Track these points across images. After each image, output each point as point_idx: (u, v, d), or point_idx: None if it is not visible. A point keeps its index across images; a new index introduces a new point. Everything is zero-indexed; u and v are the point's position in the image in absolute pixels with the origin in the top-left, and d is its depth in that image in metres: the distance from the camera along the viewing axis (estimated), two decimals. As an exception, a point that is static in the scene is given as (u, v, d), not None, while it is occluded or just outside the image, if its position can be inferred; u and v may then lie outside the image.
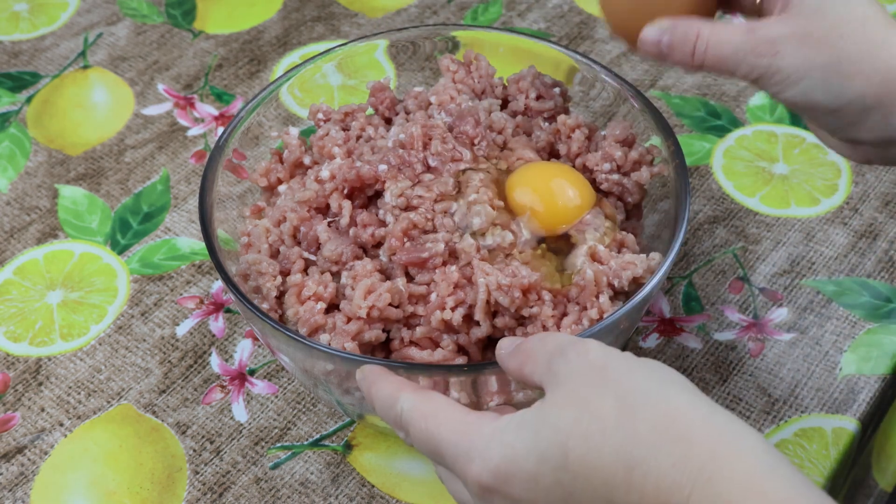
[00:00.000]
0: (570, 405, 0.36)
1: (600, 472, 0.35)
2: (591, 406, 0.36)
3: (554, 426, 0.36)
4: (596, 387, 0.36)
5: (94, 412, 0.57)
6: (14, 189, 0.69)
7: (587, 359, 0.38)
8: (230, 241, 0.54)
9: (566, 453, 0.35)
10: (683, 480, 0.33)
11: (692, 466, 0.33)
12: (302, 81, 0.59)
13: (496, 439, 0.38)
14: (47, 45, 0.80)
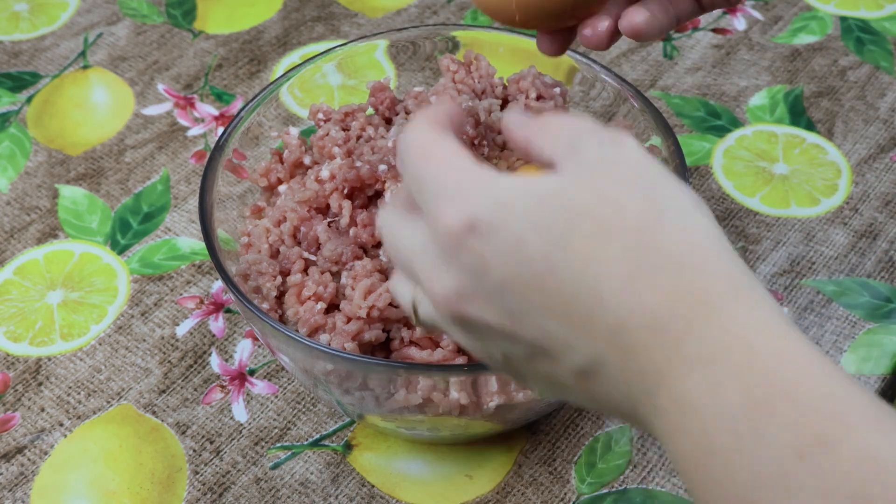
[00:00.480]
0: (587, 189, 0.32)
1: (600, 266, 0.31)
2: (613, 199, 0.32)
3: (565, 201, 0.32)
4: (624, 182, 0.32)
5: (94, 412, 0.57)
6: (14, 189, 0.69)
7: (624, 150, 0.33)
8: (230, 241, 0.54)
9: (570, 233, 0.31)
10: (695, 306, 0.30)
11: (708, 297, 0.30)
12: (302, 81, 0.59)
13: (486, 189, 0.33)
14: (47, 45, 0.80)
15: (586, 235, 0.31)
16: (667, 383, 0.30)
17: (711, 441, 0.29)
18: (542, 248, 0.32)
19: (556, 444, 0.55)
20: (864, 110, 0.73)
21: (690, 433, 0.29)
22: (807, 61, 0.77)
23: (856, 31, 0.79)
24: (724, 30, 0.80)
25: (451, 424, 0.50)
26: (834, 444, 0.27)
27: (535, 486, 0.53)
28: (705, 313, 0.30)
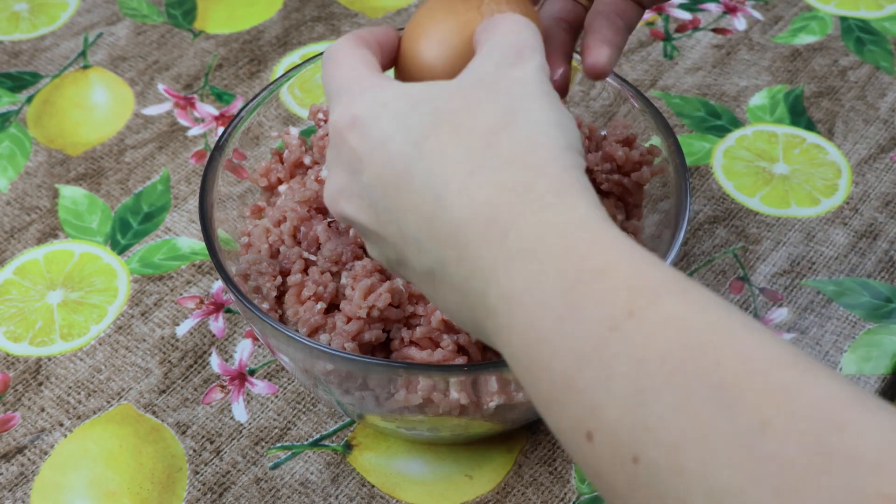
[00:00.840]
0: (458, 97, 0.35)
1: (447, 164, 0.33)
2: (476, 106, 0.34)
3: (434, 107, 0.35)
4: (492, 93, 0.35)
5: (94, 412, 0.57)
6: (14, 189, 0.69)
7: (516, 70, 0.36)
8: (230, 241, 0.54)
9: (428, 134, 0.34)
10: (521, 201, 0.32)
11: (533, 193, 0.32)
12: (302, 81, 0.59)
13: (373, 91, 0.36)
14: (47, 45, 0.80)
15: (440, 139, 0.34)
16: (496, 279, 0.32)
17: (537, 330, 0.30)
18: (403, 147, 0.34)
19: (556, 444, 0.55)
20: (864, 110, 0.73)
21: (519, 327, 0.31)
22: (807, 61, 0.77)
23: (856, 31, 0.79)
24: (725, 30, 0.80)
25: (451, 424, 0.50)
26: (641, 314, 0.28)
27: (535, 486, 0.53)
28: (529, 208, 0.32)
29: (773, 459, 0.25)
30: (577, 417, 0.29)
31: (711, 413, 0.26)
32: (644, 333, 0.28)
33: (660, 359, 0.27)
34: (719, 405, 0.26)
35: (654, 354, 0.28)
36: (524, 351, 0.31)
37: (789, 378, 0.26)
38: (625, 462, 0.27)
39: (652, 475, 0.27)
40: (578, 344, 0.29)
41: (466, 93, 0.35)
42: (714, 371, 0.26)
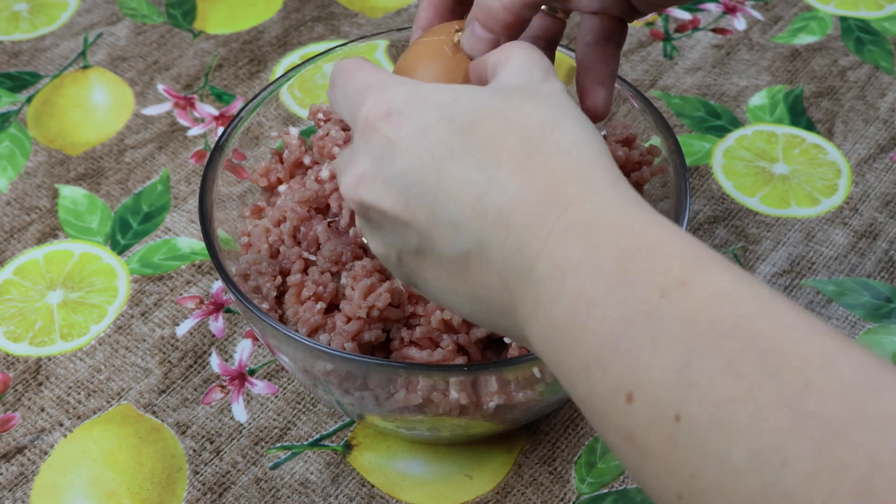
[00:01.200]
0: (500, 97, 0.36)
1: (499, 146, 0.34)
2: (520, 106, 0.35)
3: (478, 102, 0.35)
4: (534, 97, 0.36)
5: (94, 412, 0.57)
6: (14, 189, 0.69)
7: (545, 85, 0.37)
8: (230, 241, 0.54)
9: (476, 123, 0.35)
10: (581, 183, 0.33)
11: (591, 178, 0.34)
12: (302, 81, 0.59)
13: (409, 85, 0.37)
14: (47, 45, 0.80)
15: (489, 127, 0.35)
16: (547, 251, 0.33)
17: (588, 294, 0.31)
18: (445, 135, 0.35)
19: (556, 444, 0.55)
20: (864, 110, 0.73)
21: (568, 294, 0.32)
22: (807, 61, 0.77)
23: (856, 32, 0.79)
24: (724, 30, 0.80)
25: (451, 424, 0.50)
26: (692, 283, 0.30)
27: (535, 486, 0.53)
28: (586, 191, 0.33)
29: (813, 417, 0.26)
30: (618, 379, 0.30)
31: (758, 373, 0.27)
32: (695, 300, 0.29)
33: (709, 324, 0.29)
34: (765, 366, 0.27)
35: (704, 318, 0.29)
36: (569, 317, 0.32)
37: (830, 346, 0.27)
38: (665, 420, 0.28)
39: (693, 432, 0.28)
40: (629, 308, 0.30)
41: (509, 94, 0.36)
42: (761, 337, 0.28)
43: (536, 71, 0.38)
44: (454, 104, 0.35)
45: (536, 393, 0.48)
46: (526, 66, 0.38)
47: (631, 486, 0.53)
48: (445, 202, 0.35)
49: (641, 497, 0.53)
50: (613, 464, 0.54)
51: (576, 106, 0.37)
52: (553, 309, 0.32)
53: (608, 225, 0.32)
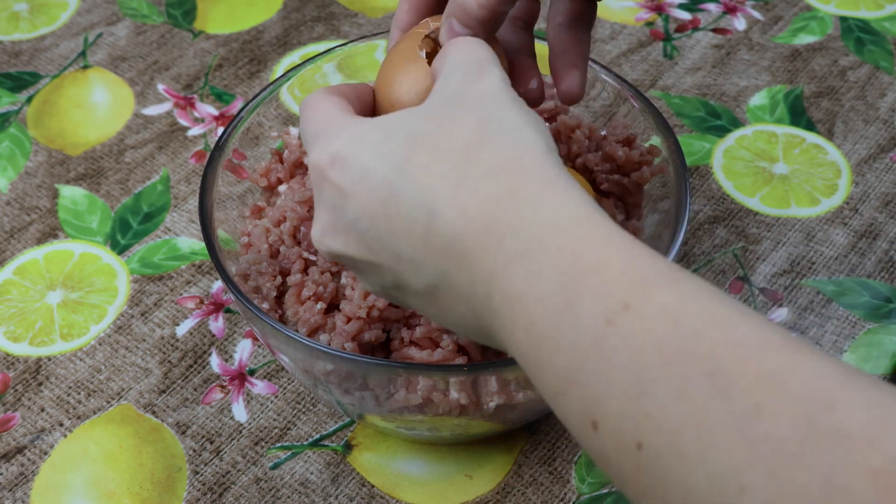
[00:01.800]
0: (431, 120, 0.36)
1: (432, 180, 0.34)
2: (449, 125, 0.35)
3: (408, 133, 0.36)
4: (463, 109, 0.36)
5: (94, 412, 0.57)
6: (14, 189, 0.69)
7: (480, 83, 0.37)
8: (230, 241, 0.54)
9: (408, 158, 0.35)
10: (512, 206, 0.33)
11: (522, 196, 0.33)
12: (302, 81, 0.59)
13: (349, 128, 0.37)
14: (47, 45, 0.80)
15: (422, 159, 0.35)
16: (497, 282, 0.32)
17: (538, 327, 0.31)
18: (386, 174, 0.35)
19: (556, 444, 0.55)
20: (864, 110, 0.73)
21: (522, 325, 0.32)
22: (807, 61, 0.77)
23: (856, 31, 0.79)
24: (724, 30, 0.80)
25: (451, 424, 0.50)
26: (636, 307, 0.29)
27: (535, 486, 0.53)
28: (520, 211, 0.33)
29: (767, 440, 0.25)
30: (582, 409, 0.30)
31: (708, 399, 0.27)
32: (639, 325, 0.29)
33: (656, 349, 0.28)
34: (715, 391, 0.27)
35: (651, 345, 0.28)
36: (529, 347, 0.32)
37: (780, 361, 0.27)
38: (629, 449, 0.28)
39: (655, 461, 0.28)
40: (578, 338, 0.30)
41: (437, 113, 0.36)
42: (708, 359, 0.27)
43: (470, 70, 0.37)
44: (387, 141, 0.36)
45: (536, 393, 0.48)
46: (459, 67, 0.38)
47: (631, 486, 0.53)
48: (400, 242, 0.35)
49: (641, 497, 0.53)
50: (613, 464, 0.54)
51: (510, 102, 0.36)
52: (515, 337, 0.33)
53: (545, 250, 0.32)
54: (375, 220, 0.35)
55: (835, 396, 0.26)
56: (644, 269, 0.30)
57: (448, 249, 0.34)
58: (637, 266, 0.30)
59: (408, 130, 0.36)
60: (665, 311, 0.29)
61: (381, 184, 0.35)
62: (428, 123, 0.36)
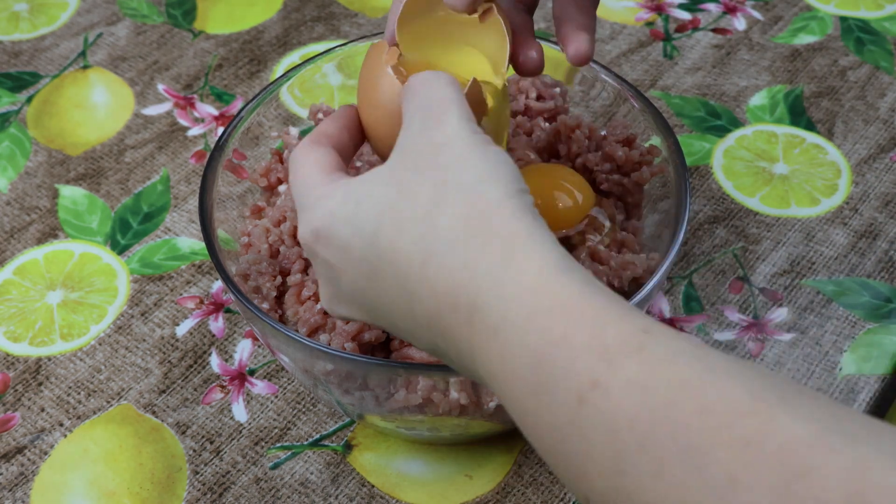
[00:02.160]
0: (392, 184, 0.36)
1: (401, 258, 0.34)
2: (409, 190, 0.35)
3: (375, 202, 0.36)
4: (420, 170, 0.35)
5: (94, 412, 0.57)
6: (14, 189, 0.69)
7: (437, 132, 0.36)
8: (230, 241, 0.54)
9: (377, 232, 0.35)
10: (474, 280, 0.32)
11: (483, 267, 0.32)
12: (302, 81, 0.59)
13: (323, 201, 0.37)
14: (47, 45, 0.80)
15: (389, 234, 0.34)
16: (478, 359, 0.32)
17: (520, 404, 0.31)
18: (362, 251, 0.35)
19: (556, 444, 0.55)
20: (864, 110, 0.73)
21: (506, 401, 0.32)
22: (807, 61, 0.77)
23: (856, 31, 0.79)
24: (724, 30, 0.80)
25: (451, 424, 0.50)
26: (604, 383, 0.29)
27: (535, 486, 0.53)
28: (483, 285, 0.32)
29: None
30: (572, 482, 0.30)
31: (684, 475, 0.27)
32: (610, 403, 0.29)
33: (629, 427, 0.28)
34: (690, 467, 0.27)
35: (624, 422, 0.28)
36: (517, 420, 0.32)
37: (752, 427, 0.26)
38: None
39: None
40: (555, 417, 0.30)
41: (398, 176, 0.36)
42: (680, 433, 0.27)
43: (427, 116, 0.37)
44: (357, 214, 0.36)
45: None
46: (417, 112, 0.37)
47: (631, 486, 0.53)
48: (391, 315, 0.36)
49: (641, 497, 0.53)
50: (613, 464, 0.54)
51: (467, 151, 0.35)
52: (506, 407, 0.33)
53: (512, 327, 0.31)
54: (366, 294, 0.36)
55: (810, 462, 0.25)
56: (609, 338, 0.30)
57: (432, 326, 0.34)
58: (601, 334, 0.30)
59: (375, 200, 0.36)
60: (632, 386, 0.28)
61: (360, 262, 0.36)
62: (390, 189, 0.35)
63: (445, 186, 0.34)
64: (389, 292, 0.35)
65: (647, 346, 0.29)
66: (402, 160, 0.36)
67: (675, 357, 0.29)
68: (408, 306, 0.34)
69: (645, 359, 0.29)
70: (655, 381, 0.28)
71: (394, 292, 0.35)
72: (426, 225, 0.34)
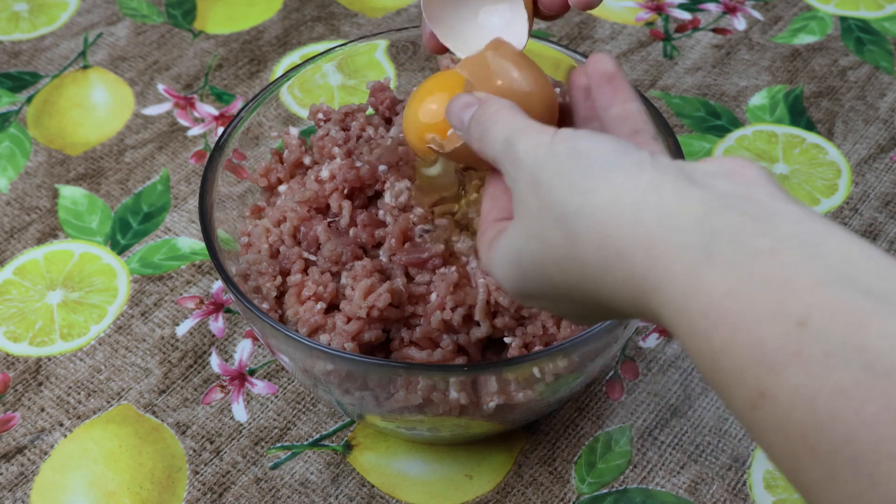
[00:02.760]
0: (532, 240, 0.36)
1: (581, 293, 0.35)
2: (546, 239, 0.36)
3: (530, 260, 0.37)
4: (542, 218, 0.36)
5: (94, 412, 0.57)
6: (14, 189, 0.69)
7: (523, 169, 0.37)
8: (230, 241, 0.54)
9: (551, 279, 0.36)
10: (637, 292, 0.33)
11: (638, 278, 0.33)
12: (302, 81, 0.59)
13: (495, 262, 0.39)
14: (47, 45, 0.80)
15: (560, 281, 0.36)
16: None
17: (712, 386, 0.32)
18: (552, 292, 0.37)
19: (556, 444, 0.55)
20: (864, 110, 0.73)
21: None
22: (807, 61, 0.77)
23: (856, 31, 0.79)
24: (724, 30, 0.80)
25: (451, 424, 0.50)
26: (770, 395, 0.29)
27: (535, 486, 0.53)
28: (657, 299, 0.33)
29: None
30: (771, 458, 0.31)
31: (855, 484, 0.27)
32: (779, 414, 0.29)
33: (800, 437, 0.28)
34: (860, 477, 0.27)
35: (795, 433, 0.28)
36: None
37: None
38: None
39: None
40: (739, 414, 0.31)
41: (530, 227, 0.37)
42: (846, 446, 0.27)
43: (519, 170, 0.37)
44: (535, 278, 0.37)
45: (536, 393, 0.48)
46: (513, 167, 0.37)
47: (631, 486, 0.53)
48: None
49: (641, 497, 0.53)
50: (613, 464, 0.54)
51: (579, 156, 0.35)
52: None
53: (688, 330, 0.31)
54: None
55: None
56: (768, 343, 0.29)
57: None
58: (761, 339, 0.29)
59: (527, 257, 0.37)
60: (797, 394, 0.28)
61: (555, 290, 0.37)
62: (531, 243, 0.37)
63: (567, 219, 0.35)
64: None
65: (804, 346, 0.29)
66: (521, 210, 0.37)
67: (835, 361, 0.28)
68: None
69: (804, 363, 0.29)
70: (818, 392, 0.28)
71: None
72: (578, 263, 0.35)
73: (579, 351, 0.47)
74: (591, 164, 0.35)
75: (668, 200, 0.33)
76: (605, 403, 0.57)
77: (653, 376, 0.58)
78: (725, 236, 0.31)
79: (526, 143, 0.37)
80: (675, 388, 0.57)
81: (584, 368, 0.49)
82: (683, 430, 0.55)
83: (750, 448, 0.54)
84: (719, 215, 0.32)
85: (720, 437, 0.55)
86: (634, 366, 0.58)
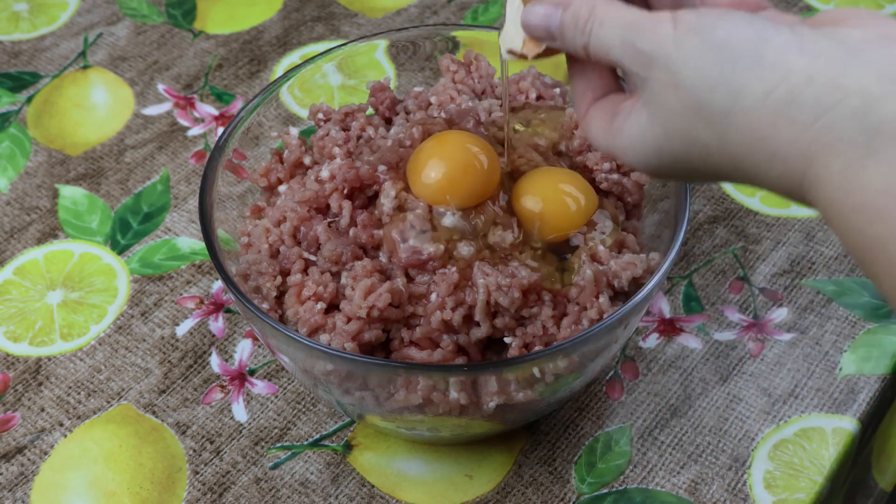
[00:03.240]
0: (673, 138, 0.36)
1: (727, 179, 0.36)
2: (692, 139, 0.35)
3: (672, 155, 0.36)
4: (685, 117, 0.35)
5: (94, 412, 0.57)
6: (14, 189, 0.69)
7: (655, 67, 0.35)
8: (230, 241, 0.54)
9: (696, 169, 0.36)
10: (792, 187, 0.33)
11: (794, 176, 0.33)
12: (302, 81, 0.59)
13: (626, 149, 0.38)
14: (47, 45, 0.80)
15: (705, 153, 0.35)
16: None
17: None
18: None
19: (556, 444, 0.55)
20: (864, 110, 0.73)
21: None
22: (807, 61, 0.77)
23: (856, 31, 0.79)
24: (724, 30, 0.80)
25: (451, 424, 0.50)
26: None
27: (535, 486, 0.53)
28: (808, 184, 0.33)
29: None
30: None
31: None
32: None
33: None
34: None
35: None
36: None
37: None
38: None
39: None
40: (893, 303, 0.32)
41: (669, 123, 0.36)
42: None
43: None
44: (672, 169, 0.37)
45: (536, 393, 0.48)
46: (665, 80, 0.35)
47: (631, 486, 0.53)
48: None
49: (641, 497, 0.53)
50: (613, 464, 0.54)
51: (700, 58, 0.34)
52: None
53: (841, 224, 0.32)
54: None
55: None
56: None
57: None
58: None
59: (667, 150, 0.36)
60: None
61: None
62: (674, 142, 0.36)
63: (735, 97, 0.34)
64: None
65: None
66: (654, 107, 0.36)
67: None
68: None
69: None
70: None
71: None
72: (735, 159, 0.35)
73: (579, 351, 0.47)
74: (735, 57, 0.33)
75: (823, 95, 0.31)
76: (605, 403, 0.57)
77: (653, 376, 0.58)
78: (887, 132, 0.30)
79: (649, 39, 0.35)
80: (675, 388, 0.57)
81: (584, 368, 0.49)
82: (683, 430, 0.55)
83: (750, 448, 0.54)
84: (881, 105, 0.31)
85: (720, 437, 0.55)
86: (634, 366, 0.58)
